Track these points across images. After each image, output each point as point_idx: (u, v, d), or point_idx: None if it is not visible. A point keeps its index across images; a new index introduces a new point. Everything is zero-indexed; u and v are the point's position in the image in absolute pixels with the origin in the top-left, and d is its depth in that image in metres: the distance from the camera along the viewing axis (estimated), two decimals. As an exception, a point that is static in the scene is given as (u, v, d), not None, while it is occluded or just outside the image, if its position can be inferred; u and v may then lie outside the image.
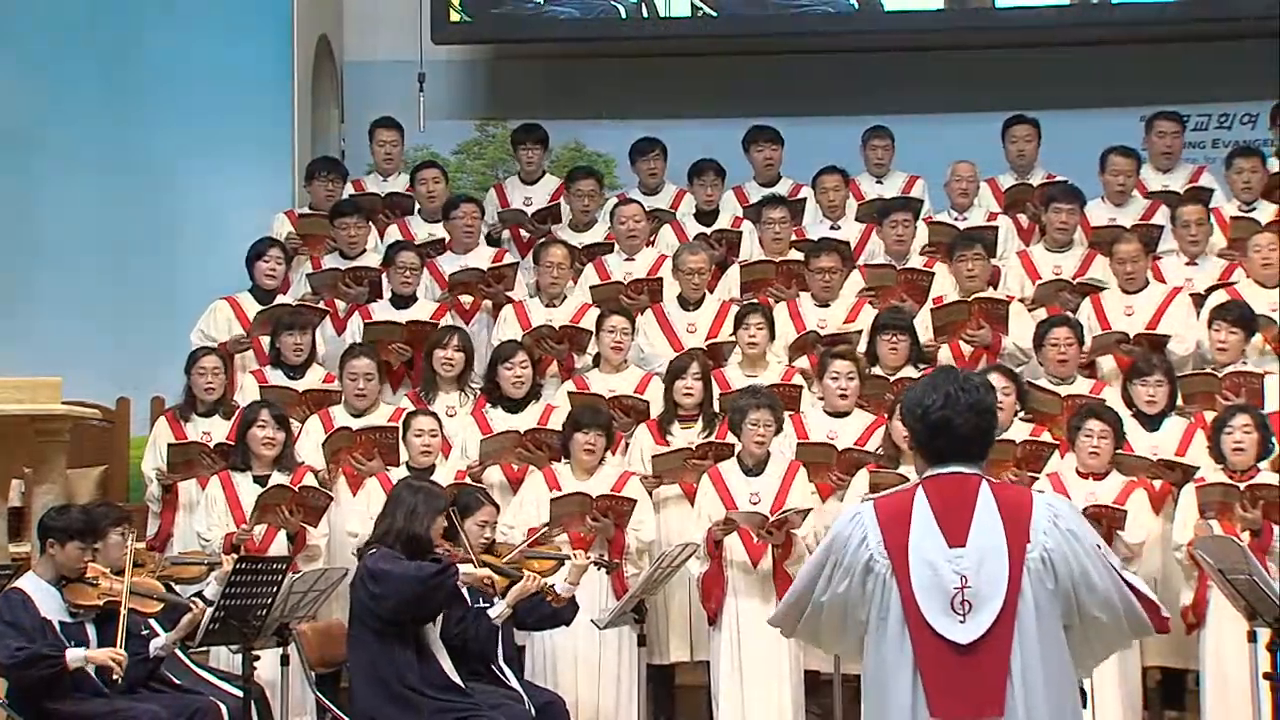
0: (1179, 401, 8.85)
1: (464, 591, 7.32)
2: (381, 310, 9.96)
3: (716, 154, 11.15)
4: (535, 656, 8.32)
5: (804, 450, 8.61)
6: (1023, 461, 8.46)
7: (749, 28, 12.41)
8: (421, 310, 9.96)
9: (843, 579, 4.43)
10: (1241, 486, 8.03)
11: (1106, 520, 7.99)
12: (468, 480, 8.64)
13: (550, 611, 7.66)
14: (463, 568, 7.26)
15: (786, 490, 8.35)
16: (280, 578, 6.87)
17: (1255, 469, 8.20)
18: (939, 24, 12.32)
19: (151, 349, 10.84)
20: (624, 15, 12.30)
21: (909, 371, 9.03)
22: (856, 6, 12.24)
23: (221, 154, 11.51)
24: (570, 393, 9.19)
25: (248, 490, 8.51)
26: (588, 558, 7.81)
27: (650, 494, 8.62)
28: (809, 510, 8.22)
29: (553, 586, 7.57)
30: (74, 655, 7.09)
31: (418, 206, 11.10)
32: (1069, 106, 11.87)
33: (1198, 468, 8.40)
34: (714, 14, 12.26)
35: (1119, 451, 8.39)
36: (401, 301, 10.00)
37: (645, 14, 12.31)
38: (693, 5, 12.25)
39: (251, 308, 9.90)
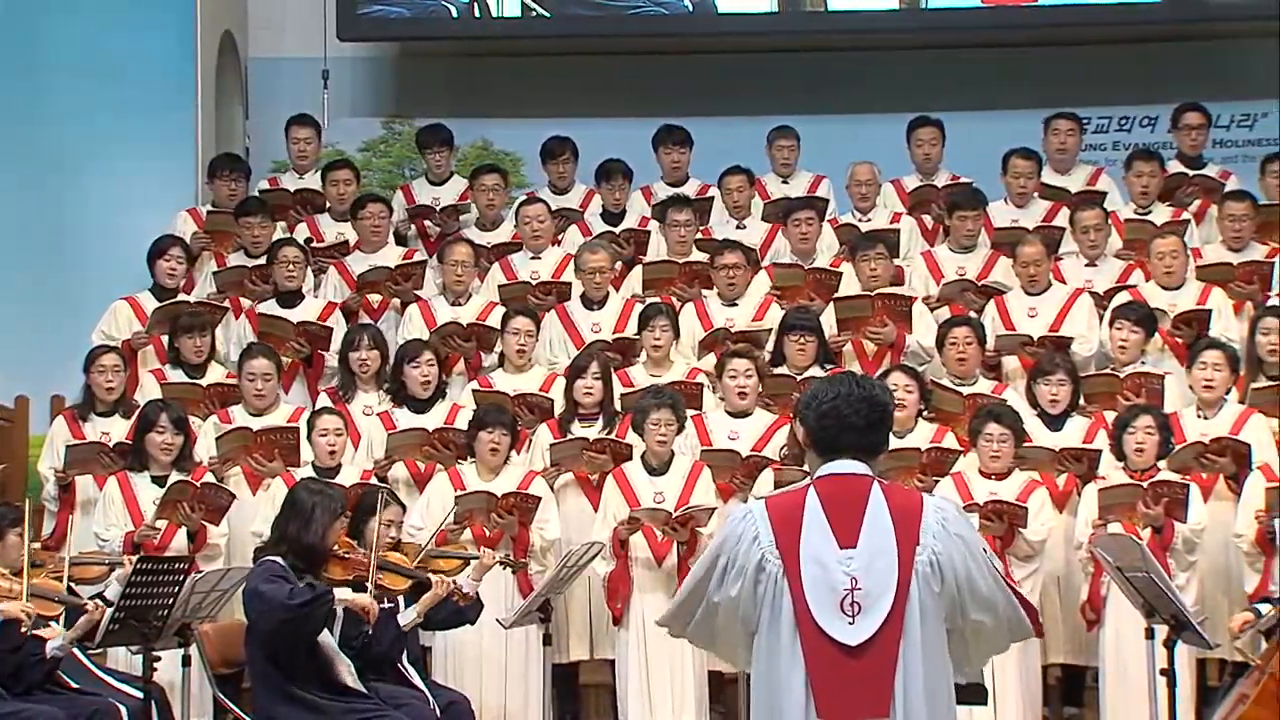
0: (1081, 401, 8.95)
1: (339, 613, 7.23)
2: (268, 308, 9.89)
3: (627, 154, 11.15)
4: (440, 656, 8.30)
5: (707, 455, 8.64)
6: (928, 468, 8.51)
7: (583, 28, 12.36)
8: (310, 308, 9.91)
9: (736, 579, 4.42)
10: (1145, 485, 8.13)
11: (1008, 517, 8.06)
12: (374, 480, 8.60)
13: (455, 610, 7.64)
14: (342, 592, 7.17)
15: (690, 489, 8.37)
16: (181, 578, 6.79)
17: (1155, 468, 8.30)
18: (775, 26, 12.36)
19: (51, 347, 10.69)
20: (455, 15, 12.22)
21: (815, 372, 9.05)
22: (691, 9, 12.24)
23: (124, 151, 11.38)
24: (475, 391, 9.17)
25: (146, 491, 8.44)
26: (494, 557, 7.80)
27: (552, 487, 8.62)
28: (714, 509, 8.26)
29: (460, 586, 7.55)
30: None
31: (328, 205, 11.05)
32: (973, 108, 11.98)
33: (1100, 451, 8.50)
34: (547, 15, 12.23)
35: (1024, 445, 8.47)
36: (288, 298, 9.94)
37: (477, 14, 12.24)
38: (524, 5, 12.19)
39: (152, 306, 9.80)
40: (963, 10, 12.29)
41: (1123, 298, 9.59)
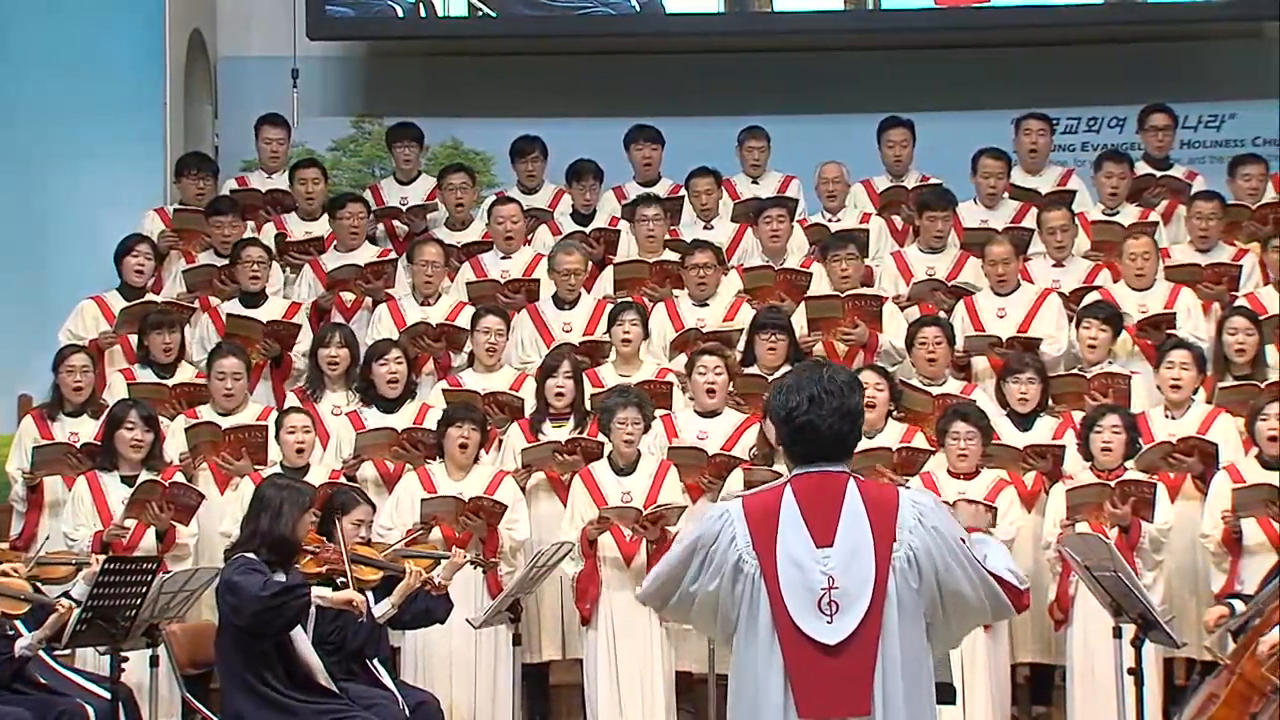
0: (1049, 402, 8.98)
1: (312, 612, 7.22)
2: (233, 309, 9.87)
3: (597, 154, 11.15)
4: (409, 656, 8.29)
5: (675, 453, 8.64)
6: (899, 468, 8.52)
7: (531, 28, 12.32)
8: (273, 309, 9.89)
9: (713, 578, 4.42)
10: (1112, 485, 8.15)
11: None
12: (343, 479, 8.58)
13: (425, 609, 7.63)
14: (321, 591, 7.14)
15: (658, 489, 8.38)
16: (150, 578, 6.77)
17: (1122, 468, 8.33)
18: (724, 27, 12.33)
19: (19, 347, 10.66)
20: (401, 14, 12.18)
21: (786, 371, 9.07)
22: (638, 9, 12.22)
23: (92, 150, 11.34)
24: (444, 390, 9.16)
25: (115, 490, 8.41)
26: (464, 556, 7.79)
27: (523, 490, 8.61)
28: (684, 508, 8.27)
29: (433, 577, 7.54)
30: None
31: (296, 204, 11.03)
32: (943, 109, 12.00)
33: (1064, 447, 8.53)
34: (493, 14, 12.19)
35: (992, 443, 8.50)
36: (251, 299, 9.92)
37: (423, 13, 12.21)
38: (470, 5, 12.15)
39: (119, 306, 9.79)
40: (924, 11, 12.29)
41: (1093, 298, 9.62)
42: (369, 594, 7.47)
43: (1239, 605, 7.47)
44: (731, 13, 12.28)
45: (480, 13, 12.15)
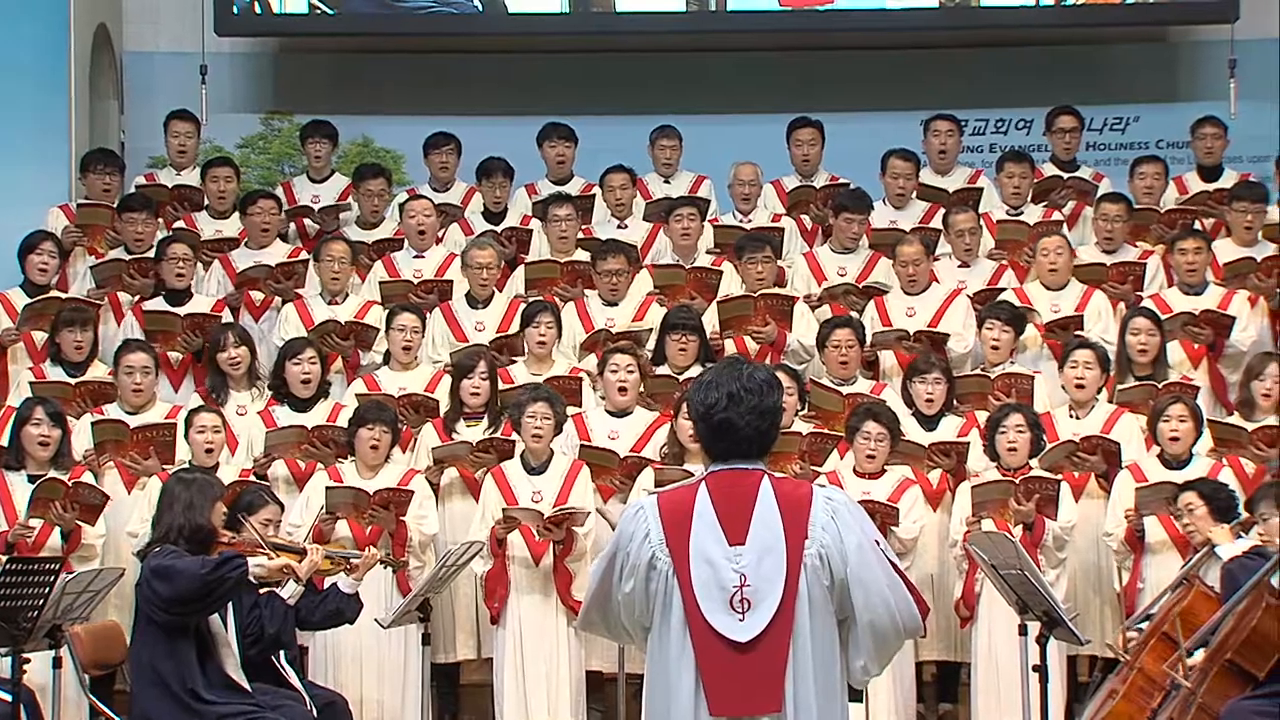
0: (954, 401, 9.05)
1: (252, 580, 7.19)
2: (157, 305, 9.79)
3: (509, 152, 11.12)
4: (318, 655, 8.26)
5: (586, 452, 8.64)
6: (806, 455, 8.57)
7: (370, 26, 12.26)
8: (199, 305, 9.82)
9: (629, 577, 4.45)
10: (1017, 481, 8.23)
11: (881, 516, 8.12)
12: (252, 478, 8.53)
13: (335, 609, 7.59)
14: (256, 561, 7.11)
15: (569, 489, 8.38)
16: (53, 578, 6.70)
17: (1028, 466, 8.40)
18: (566, 26, 12.30)
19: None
20: (236, 11, 12.06)
21: (696, 371, 9.08)
22: (480, 8, 12.14)
23: (-7, 146, 11.21)
24: (358, 395, 9.11)
25: (21, 489, 8.31)
26: (375, 555, 7.75)
27: (435, 487, 8.58)
28: (589, 512, 8.27)
29: (345, 559, 7.50)
30: None
31: (207, 202, 10.95)
32: (852, 109, 12.06)
33: (968, 444, 8.61)
34: (331, 11, 12.08)
35: (901, 440, 8.56)
36: (176, 296, 9.84)
37: (259, 10, 12.11)
38: (309, 2, 12.07)
39: (22, 303, 9.68)
40: (846, 12, 12.34)
41: (1004, 298, 9.70)
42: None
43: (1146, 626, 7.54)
44: (576, 13, 12.20)
45: (319, 10, 12.07)
